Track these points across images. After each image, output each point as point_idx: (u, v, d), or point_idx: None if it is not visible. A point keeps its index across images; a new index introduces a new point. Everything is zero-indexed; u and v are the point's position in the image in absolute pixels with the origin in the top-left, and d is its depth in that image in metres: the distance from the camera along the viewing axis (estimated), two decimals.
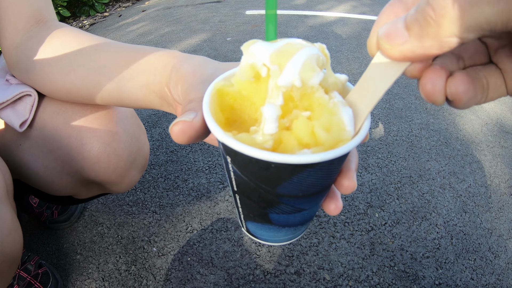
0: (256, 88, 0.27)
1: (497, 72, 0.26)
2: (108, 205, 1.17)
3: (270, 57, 0.25)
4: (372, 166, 1.45)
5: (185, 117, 0.29)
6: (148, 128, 1.60)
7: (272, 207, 0.30)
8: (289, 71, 0.24)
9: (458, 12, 0.19)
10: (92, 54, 0.50)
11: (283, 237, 0.36)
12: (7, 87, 0.59)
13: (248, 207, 0.32)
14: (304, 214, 0.32)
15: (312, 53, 0.25)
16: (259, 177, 0.26)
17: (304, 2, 4.04)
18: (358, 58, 2.54)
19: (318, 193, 0.29)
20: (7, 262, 0.48)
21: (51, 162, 0.62)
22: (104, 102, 0.51)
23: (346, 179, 0.29)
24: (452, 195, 1.35)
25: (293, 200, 0.29)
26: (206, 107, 0.27)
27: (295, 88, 0.25)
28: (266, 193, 0.28)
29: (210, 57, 2.36)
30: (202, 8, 3.65)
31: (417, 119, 1.83)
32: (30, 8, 0.56)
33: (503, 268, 1.10)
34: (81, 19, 3.46)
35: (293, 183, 0.26)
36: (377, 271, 1.02)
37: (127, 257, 1.01)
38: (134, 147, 0.66)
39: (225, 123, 0.29)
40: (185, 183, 1.28)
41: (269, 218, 0.32)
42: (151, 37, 2.80)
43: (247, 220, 0.35)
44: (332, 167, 0.27)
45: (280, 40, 0.27)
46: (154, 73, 0.43)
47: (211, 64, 0.39)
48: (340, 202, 0.32)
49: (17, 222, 0.51)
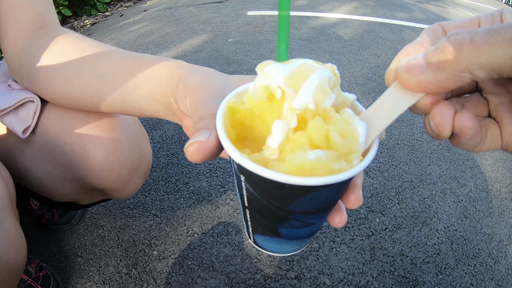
0: (268, 108, 0.28)
1: (495, 125, 0.29)
2: (109, 208, 1.17)
3: (285, 79, 0.26)
4: (373, 170, 1.45)
5: (200, 137, 0.29)
6: (149, 130, 1.60)
7: (282, 222, 0.31)
8: (304, 94, 0.25)
9: (474, 51, 0.22)
10: (96, 61, 0.50)
11: (290, 249, 0.37)
12: (10, 93, 0.59)
13: (257, 221, 0.33)
14: (312, 227, 0.33)
15: (324, 75, 0.26)
16: (272, 195, 0.27)
17: (306, 3, 4.04)
18: (360, 60, 2.53)
19: (327, 209, 0.30)
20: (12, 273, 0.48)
21: (53, 168, 0.62)
22: (108, 110, 0.51)
23: (353, 194, 0.30)
24: (453, 200, 1.35)
25: (303, 216, 0.30)
26: (220, 127, 0.28)
27: (308, 110, 0.26)
28: (278, 210, 0.29)
29: (211, 58, 2.36)
30: (204, 9, 3.65)
31: (419, 123, 1.83)
32: (32, 12, 0.56)
33: (503, 274, 1.10)
34: (83, 19, 3.46)
35: (306, 201, 0.27)
36: (377, 276, 1.02)
37: (128, 260, 1.01)
38: (137, 155, 0.66)
39: (236, 139, 0.30)
40: (186, 186, 1.28)
41: (278, 232, 0.33)
42: (152, 37, 2.80)
43: (256, 233, 0.35)
44: (343, 186, 0.28)
45: (292, 60, 0.28)
46: (159, 82, 0.43)
47: (219, 77, 0.39)
48: (345, 214, 0.33)
49: (21, 232, 0.51)
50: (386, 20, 3.66)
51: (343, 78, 2.24)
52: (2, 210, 0.46)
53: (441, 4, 5.39)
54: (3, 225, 0.46)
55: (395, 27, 3.44)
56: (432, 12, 4.47)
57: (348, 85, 2.16)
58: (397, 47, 2.88)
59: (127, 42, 2.74)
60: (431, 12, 4.50)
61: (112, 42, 2.75)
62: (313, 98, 0.25)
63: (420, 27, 3.59)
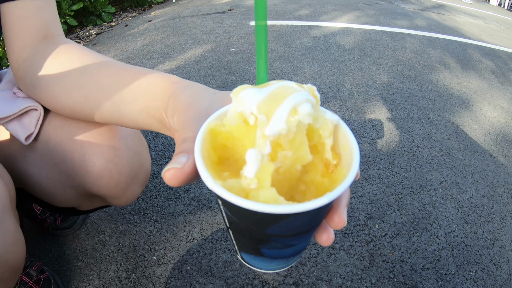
0: (246, 131, 0.28)
1: None
2: (110, 214, 1.18)
3: (258, 106, 0.26)
4: (373, 177, 1.45)
5: (176, 163, 0.29)
6: (151, 138, 1.62)
7: (263, 243, 0.31)
8: (276, 121, 0.25)
9: None
10: (95, 74, 0.51)
11: (276, 266, 0.37)
12: (14, 100, 0.61)
13: (240, 241, 0.33)
14: (294, 248, 0.33)
15: (301, 99, 0.26)
16: (248, 221, 0.27)
17: (308, 13, 4.09)
18: (361, 68, 2.55)
19: (308, 231, 0.30)
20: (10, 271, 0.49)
21: (55, 174, 0.64)
22: (106, 121, 0.53)
23: (336, 215, 0.30)
24: (454, 206, 1.35)
25: (282, 238, 0.29)
26: (197, 153, 0.28)
27: (282, 136, 0.26)
28: (256, 233, 0.29)
29: (214, 67, 2.39)
30: (207, 19, 3.70)
31: (419, 130, 1.84)
32: (38, 23, 0.58)
33: (505, 279, 1.09)
34: (88, 29, 3.53)
35: (281, 226, 0.27)
36: (376, 283, 1.02)
37: (128, 265, 1.02)
38: (136, 163, 0.67)
39: (217, 161, 0.30)
40: (187, 193, 1.29)
41: (261, 252, 0.33)
42: (156, 47, 2.84)
43: (241, 251, 0.35)
44: (320, 211, 0.27)
45: (272, 82, 0.28)
46: (153, 98, 0.44)
47: (208, 96, 0.39)
48: (332, 233, 0.32)
49: (20, 232, 0.53)
50: (387, 28, 3.69)
51: (344, 86, 2.25)
52: (2, 210, 0.48)
53: (443, 11, 5.42)
54: (3, 225, 0.47)
55: (397, 35, 3.47)
56: (433, 20, 4.50)
57: (349, 93, 2.17)
58: (398, 55, 2.90)
59: (131, 51, 2.78)
60: (432, 19, 4.52)
61: (117, 51, 2.79)
62: (286, 124, 0.25)
63: (421, 34, 3.61)
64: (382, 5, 5.01)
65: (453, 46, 3.39)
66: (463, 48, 3.38)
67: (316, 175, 0.30)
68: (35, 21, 0.58)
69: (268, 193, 0.25)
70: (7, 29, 0.58)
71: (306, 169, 0.30)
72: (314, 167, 0.30)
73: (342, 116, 1.90)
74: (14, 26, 0.57)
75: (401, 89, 2.29)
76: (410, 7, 5.22)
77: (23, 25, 0.57)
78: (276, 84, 0.28)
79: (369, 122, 1.87)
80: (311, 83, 2.21)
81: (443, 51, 3.17)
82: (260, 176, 0.25)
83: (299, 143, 0.27)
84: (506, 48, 3.72)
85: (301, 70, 2.44)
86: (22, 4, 0.57)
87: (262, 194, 0.25)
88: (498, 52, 3.48)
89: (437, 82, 2.47)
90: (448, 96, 2.28)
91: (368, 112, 1.96)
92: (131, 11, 4.34)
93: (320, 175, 0.30)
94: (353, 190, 1.37)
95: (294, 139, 0.26)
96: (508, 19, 6.20)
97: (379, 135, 1.76)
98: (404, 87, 2.33)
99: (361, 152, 1.60)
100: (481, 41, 3.80)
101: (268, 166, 0.25)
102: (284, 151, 0.27)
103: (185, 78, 0.48)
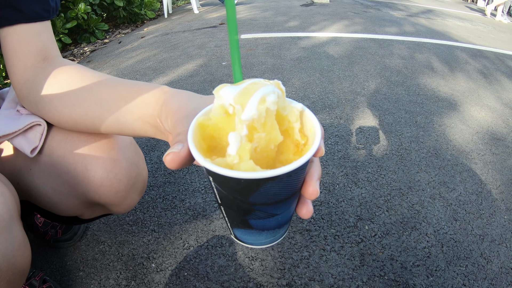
0: (228, 122, 0.34)
1: None
2: (110, 225, 1.22)
3: (234, 99, 0.32)
4: (362, 180, 1.50)
5: (174, 148, 0.36)
6: (147, 151, 1.67)
7: (249, 214, 0.37)
8: (249, 108, 0.31)
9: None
10: (94, 90, 0.57)
11: (265, 240, 0.42)
12: (19, 117, 0.66)
13: (231, 216, 0.39)
14: (277, 218, 0.38)
15: (268, 90, 0.33)
16: (234, 190, 0.33)
17: (298, 24, 4.17)
18: (349, 76, 2.62)
19: (285, 200, 0.36)
20: (17, 274, 0.54)
21: (59, 185, 0.69)
22: (106, 131, 0.58)
23: (310, 186, 0.36)
24: (442, 204, 1.39)
25: (264, 207, 0.35)
26: (190, 139, 0.34)
27: (255, 120, 0.32)
28: (242, 203, 0.35)
29: (206, 81, 2.45)
30: (199, 34, 3.77)
31: (407, 133, 1.89)
32: (37, 46, 0.64)
33: (496, 272, 1.12)
34: (82, 46, 3.59)
35: (261, 193, 0.33)
36: (367, 281, 1.06)
37: (127, 273, 1.06)
38: (133, 173, 0.73)
39: (207, 149, 0.36)
40: (182, 202, 1.34)
41: (249, 224, 0.39)
42: (149, 63, 2.90)
43: (233, 227, 0.41)
44: (291, 179, 0.33)
45: (244, 81, 0.35)
46: (147, 107, 0.50)
47: (194, 99, 0.46)
48: (311, 206, 0.38)
49: (26, 238, 0.58)
50: (375, 36, 3.77)
51: (333, 94, 2.31)
52: (11, 218, 0.52)
53: (431, 16, 5.53)
54: (12, 232, 0.52)
55: (384, 42, 3.54)
56: (421, 25, 4.59)
57: (337, 101, 2.23)
58: (386, 61, 2.97)
59: (125, 68, 2.84)
60: (420, 25, 4.62)
61: (111, 68, 2.85)
62: (257, 110, 0.31)
63: (409, 40, 3.69)
64: (371, 13, 5.11)
65: (440, 49, 3.47)
66: (450, 51, 3.46)
67: (289, 154, 0.37)
68: (34, 44, 0.63)
69: (247, 164, 0.31)
70: (8, 52, 0.63)
71: (281, 150, 0.37)
72: (287, 148, 0.37)
73: (331, 123, 1.95)
74: (15, 50, 0.63)
75: (388, 95, 2.35)
76: (398, 14, 5.33)
77: (23, 49, 0.63)
78: (249, 81, 0.34)
79: (357, 128, 1.92)
80: (301, 93, 2.28)
81: (430, 55, 3.25)
82: (240, 153, 0.31)
83: (270, 126, 0.33)
84: (494, 48, 3.80)
85: (290, 81, 2.50)
86: (21, 28, 0.62)
87: (242, 165, 0.31)
88: (485, 53, 3.56)
89: (424, 86, 2.53)
90: (435, 98, 2.34)
91: (356, 119, 2.02)
92: (124, 27, 4.41)
93: (292, 154, 0.37)
94: (342, 193, 1.41)
95: (265, 123, 0.33)
96: (495, 20, 6.32)
97: (367, 140, 1.81)
98: (391, 92, 2.39)
99: (350, 157, 1.65)
100: (468, 43, 3.88)
101: (246, 145, 0.32)
102: (258, 133, 0.33)
103: None
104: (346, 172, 1.55)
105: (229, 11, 0.35)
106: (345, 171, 1.55)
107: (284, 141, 0.36)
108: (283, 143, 0.36)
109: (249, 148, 0.32)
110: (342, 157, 1.65)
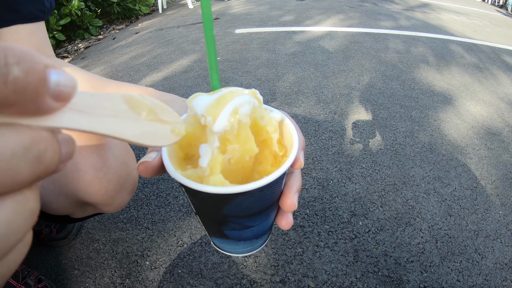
0: (202, 131, 0.34)
1: None
2: (104, 223, 1.22)
3: (206, 109, 0.31)
4: (356, 176, 1.50)
5: (147, 157, 0.35)
6: (140, 149, 1.66)
7: (223, 225, 0.36)
8: (220, 120, 0.31)
9: None
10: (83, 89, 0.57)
11: (242, 249, 0.42)
12: None
13: (207, 225, 0.38)
14: (253, 230, 0.38)
15: (240, 102, 0.32)
16: (206, 203, 0.33)
17: (293, 18, 4.14)
18: (344, 70, 2.61)
19: (259, 213, 0.35)
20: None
21: (49, 184, 0.69)
22: None
23: (288, 199, 0.35)
24: (437, 200, 1.39)
25: (238, 219, 0.35)
26: (164, 149, 0.34)
27: (227, 132, 0.31)
28: (215, 214, 0.34)
29: (200, 77, 2.43)
30: (193, 29, 3.75)
31: (402, 128, 1.89)
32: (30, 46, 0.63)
33: (491, 268, 1.12)
34: (76, 42, 3.56)
35: (233, 206, 0.32)
36: (361, 277, 1.06)
37: (122, 271, 1.06)
38: (123, 172, 0.72)
39: (183, 158, 0.36)
40: (176, 200, 1.33)
41: (224, 234, 0.38)
42: (144, 59, 2.88)
43: (211, 235, 0.41)
44: (263, 193, 0.32)
45: (220, 90, 0.34)
46: None
47: (177, 103, 0.46)
48: (290, 217, 0.37)
49: None
50: (371, 30, 3.75)
51: (327, 89, 2.30)
52: None
53: (426, 10, 5.51)
54: None
55: (380, 36, 3.53)
56: (417, 19, 4.58)
57: (332, 95, 2.22)
58: (381, 55, 2.96)
59: (119, 64, 2.82)
60: (416, 19, 4.60)
61: (105, 65, 2.83)
62: (229, 122, 0.30)
63: (404, 34, 3.68)
64: (366, 7, 5.09)
65: (436, 43, 3.46)
66: (446, 45, 3.45)
67: (267, 165, 0.36)
68: (28, 44, 0.63)
69: (216, 178, 0.30)
70: None
71: (260, 160, 0.36)
72: (265, 158, 0.36)
73: (326, 118, 1.95)
74: None
75: (383, 89, 2.35)
76: (394, 8, 5.31)
77: None
78: (225, 90, 0.33)
79: (351, 123, 1.92)
80: (295, 88, 2.26)
81: (426, 49, 3.24)
82: (211, 165, 0.31)
83: (244, 138, 0.32)
84: (490, 42, 3.79)
85: (285, 76, 2.49)
86: (15, 29, 0.62)
87: (211, 179, 0.30)
88: (481, 47, 3.55)
89: (419, 80, 2.53)
90: (430, 93, 2.34)
91: (350, 113, 2.01)
92: (118, 23, 4.38)
93: (270, 165, 0.36)
94: (336, 189, 1.41)
95: (238, 134, 0.32)
96: (492, 14, 6.32)
97: (361, 135, 1.81)
98: (386, 87, 2.39)
99: (344, 153, 1.65)
100: (464, 37, 3.87)
101: (218, 157, 0.31)
102: (232, 145, 0.32)
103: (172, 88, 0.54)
104: (340, 167, 1.55)
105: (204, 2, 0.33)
106: (339, 167, 1.55)
107: (262, 152, 0.35)
108: (261, 154, 0.35)
109: (221, 160, 0.31)
110: (336, 152, 1.65)
